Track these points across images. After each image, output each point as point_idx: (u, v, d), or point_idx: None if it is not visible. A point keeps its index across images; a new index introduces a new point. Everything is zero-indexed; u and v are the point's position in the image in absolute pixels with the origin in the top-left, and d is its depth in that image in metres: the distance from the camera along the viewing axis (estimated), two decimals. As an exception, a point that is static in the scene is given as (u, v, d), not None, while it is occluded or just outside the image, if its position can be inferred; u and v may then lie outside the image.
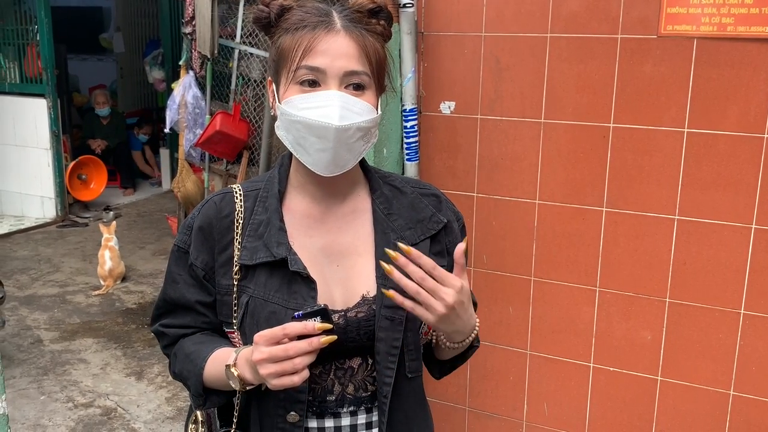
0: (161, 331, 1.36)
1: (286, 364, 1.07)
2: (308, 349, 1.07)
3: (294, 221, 1.28)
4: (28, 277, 5.46)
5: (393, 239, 1.26)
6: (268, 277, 1.23)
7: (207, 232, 1.28)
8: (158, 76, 8.21)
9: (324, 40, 1.18)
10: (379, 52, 1.23)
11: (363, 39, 1.20)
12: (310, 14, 1.21)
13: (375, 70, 1.22)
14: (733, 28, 2.14)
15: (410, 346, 1.26)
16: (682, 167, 2.29)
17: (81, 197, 7.25)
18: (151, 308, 4.89)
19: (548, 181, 2.48)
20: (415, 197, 1.34)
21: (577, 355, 2.57)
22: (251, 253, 1.24)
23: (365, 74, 1.20)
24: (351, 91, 1.19)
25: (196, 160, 5.29)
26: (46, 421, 3.49)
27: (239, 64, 5.05)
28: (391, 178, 1.36)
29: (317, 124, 1.16)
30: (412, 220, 1.30)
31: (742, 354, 2.33)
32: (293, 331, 1.07)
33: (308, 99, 1.18)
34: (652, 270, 2.40)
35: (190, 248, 1.29)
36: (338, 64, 1.18)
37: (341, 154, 1.19)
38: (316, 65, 1.18)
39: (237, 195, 1.30)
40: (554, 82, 2.40)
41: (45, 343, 4.34)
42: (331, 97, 1.17)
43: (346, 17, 1.21)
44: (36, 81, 6.73)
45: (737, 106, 2.19)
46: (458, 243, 1.23)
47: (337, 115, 1.16)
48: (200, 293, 1.30)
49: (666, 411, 2.47)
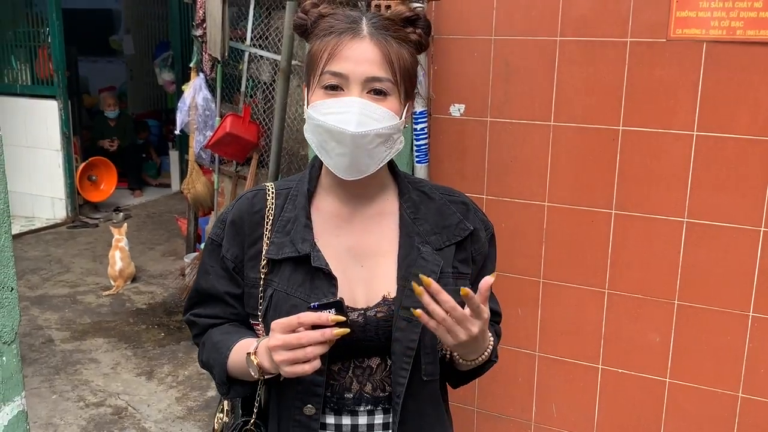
0: (192, 320, 1.41)
1: (298, 352, 1.10)
2: (320, 339, 1.10)
3: (322, 220, 1.31)
4: (39, 278, 5.50)
5: (417, 243, 1.28)
6: (292, 272, 1.27)
7: (239, 226, 1.32)
8: (168, 78, 8.24)
9: (348, 45, 1.20)
10: (404, 59, 1.24)
11: (387, 45, 1.21)
12: (340, 21, 1.23)
13: (400, 77, 1.22)
14: (742, 32, 2.16)
15: (427, 349, 1.28)
16: (691, 170, 2.30)
17: (91, 198, 7.29)
18: (160, 309, 4.94)
19: (557, 183, 2.49)
20: (443, 203, 1.35)
21: (585, 356, 2.58)
22: (278, 248, 1.28)
23: (388, 80, 1.21)
24: (372, 96, 1.21)
25: (206, 161, 5.32)
26: (57, 420, 3.52)
27: (249, 66, 5.08)
28: (420, 184, 1.38)
29: (336, 130, 1.19)
30: (438, 225, 1.32)
31: (751, 356, 2.34)
32: (307, 321, 1.11)
33: (330, 104, 1.21)
34: (661, 272, 2.41)
35: (222, 241, 1.33)
36: (360, 69, 1.20)
37: (360, 159, 1.22)
38: (339, 70, 1.20)
39: (269, 192, 1.34)
40: (563, 85, 2.42)
41: (56, 343, 4.37)
42: (350, 103, 1.19)
43: (374, 24, 1.23)
44: (47, 83, 6.78)
45: (746, 110, 2.20)
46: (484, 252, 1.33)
47: (355, 121, 1.18)
48: (230, 285, 1.34)
49: (674, 413, 2.48)
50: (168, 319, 4.77)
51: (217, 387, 1.35)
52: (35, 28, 6.77)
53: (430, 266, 1.26)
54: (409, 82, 1.26)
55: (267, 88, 5.10)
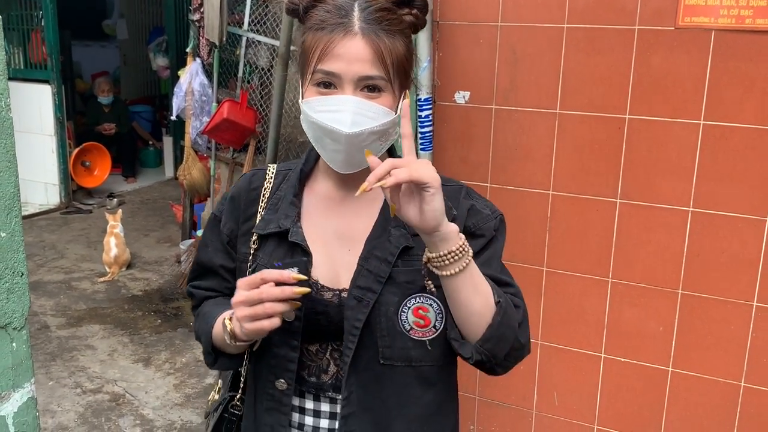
0: (191, 291, 1.45)
1: (258, 308, 1.12)
2: (280, 295, 1.11)
3: (315, 201, 1.34)
4: (33, 264, 5.46)
5: (392, 226, 1.27)
6: (275, 247, 1.30)
7: (236, 202, 1.37)
8: (162, 63, 8.18)
9: (340, 44, 1.19)
10: (397, 52, 1.21)
11: (378, 41, 1.19)
12: (331, 14, 1.21)
13: (393, 72, 1.21)
14: (751, 21, 2.14)
15: (383, 331, 1.25)
16: (697, 159, 2.30)
17: (85, 184, 7.24)
18: (156, 295, 4.92)
19: (562, 171, 2.48)
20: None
21: (588, 345, 2.58)
22: (265, 224, 1.32)
23: (380, 78, 1.20)
24: (366, 93, 1.20)
25: (203, 148, 5.28)
26: (54, 406, 3.50)
27: (246, 51, 5.04)
28: None
29: (329, 128, 1.19)
30: None
31: (754, 346, 2.34)
32: (269, 277, 1.12)
33: (324, 102, 1.20)
34: (665, 261, 2.41)
35: (222, 216, 1.38)
36: (353, 68, 1.18)
37: (355, 155, 1.22)
38: (331, 70, 1.19)
39: (269, 172, 1.38)
40: (570, 72, 2.40)
41: (52, 330, 4.35)
42: (344, 102, 1.19)
43: (366, 17, 1.20)
44: (40, 67, 6.71)
45: (754, 99, 2.20)
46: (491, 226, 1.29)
47: (349, 121, 1.18)
48: (225, 258, 1.38)
49: (676, 402, 2.49)
50: (164, 306, 4.75)
51: (203, 357, 1.37)
52: (28, 11, 6.70)
53: (390, 248, 1.25)
54: (403, 74, 1.24)
55: (264, 73, 5.07)
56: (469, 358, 1.22)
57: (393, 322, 1.25)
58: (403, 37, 1.24)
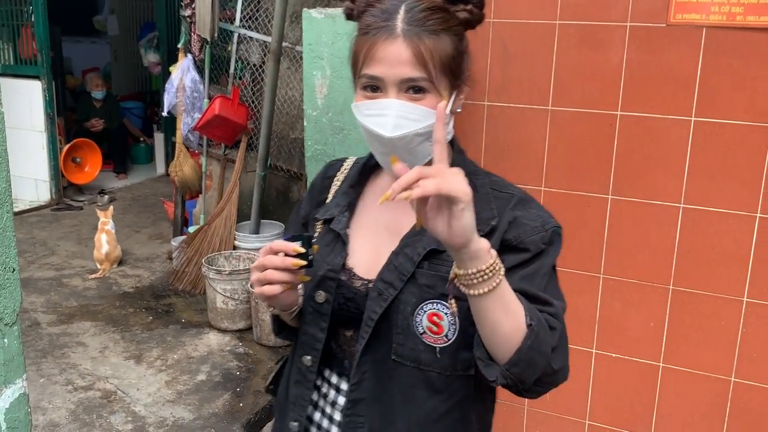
0: None
1: (261, 274, 1.20)
2: (279, 264, 1.19)
3: (375, 194, 1.39)
4: (24, 260, 5.43)
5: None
6: (326, 232, 1.38)
7: (313, 187, 1.48)
8: (153, 59, 8.15)
9: (382, 47, 1.20)
10: (441, 52, 1.20)
11: (420, 43, 1.19)
12: (377, 18, 1.22)
13: (437, 73, 1.20)
14: (742, 18, 2.15)
15: (399, 328, 1.25)
16: (688, 156, 2.31)
17: (75, 180, 7.21)
18: (148, 292, 4.90)
19: (554, 168, 2.49)
20: (484, 196, 1.29)
21: (579, 341, 2.59)
22: (324, 211, 1.41)
23: (423, 79, 1.20)
24: (410, 95, 1.21)
25: (194, 144, 5.27)
26: (46, 403, 3.49)
27: (238, 47, 5.03)
28: (475, 174, 1.32)
29: (374, 133, 1.23)
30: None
31: (744, 341, 2.36)
32: (276, 247, 1.20)
33: (370, 106, 1.23)
34: (657, 257, 2.42)
35: (303, 200, 1.49)
36: (395, 72, 1.20)
37: (403, 157, 1.18)
38: (374, 74, 1.21)
39: (346, 162, 1.46)
40: (562, 69, 2.41)
41: (42, 326, 4.33)
42: (387, 106, 1.21)
43: (409, 19, 1.20)
44: (31, 62, 6.67)
45: (745, 96, 2.21)
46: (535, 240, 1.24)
47: (391, 125, 1.20)
48: None
49: (667, 397, 2.50)
50: (156, 303, 4.74)
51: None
52: (18, 6, 6.65)
53: (419, 248, 1.25)
54: (451, 73, 1.22)
55: (256, 70, 5.06)
56: (493, 381, 1.17)
57: (408, 321, 1.26)
58: (451, 35, 1.23)
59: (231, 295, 4.26)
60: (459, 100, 1.28)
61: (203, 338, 4.21)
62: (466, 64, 1.27)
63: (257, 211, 4.83)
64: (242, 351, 4.08)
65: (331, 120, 2.66)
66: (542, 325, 1.15)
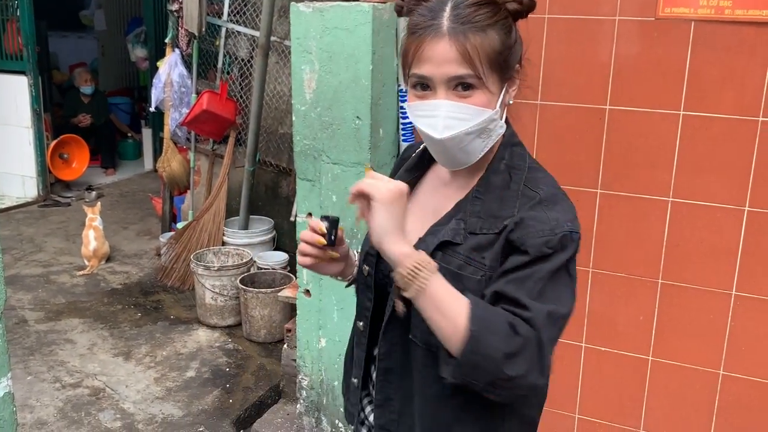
0: None
1: (299, 246, 1.37)
2: (308, 239, 1.34)
3: (431, 179, 1.43)
4: (11, 257, 5.39)
5: (458, 217, 1.30)
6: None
7: (394, 166, 1.56)
8: (141, 54, 8.08)
9: (429, 47, 1.22)
10: (488, 48, 1.21)
11: (465, 41, 1.20)
12: (424, 17, 1.24)
13: (485, 69, 1.21)
14: (730, 12, 2.15)
15: (415, 311, 1.25)
16: (677, 150, 2.31)
17: (63, 176, 7.15)
18: (136, 289, 4.87)
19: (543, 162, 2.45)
20: (513, 194, 1.29)
21: (568, 335, 2.59)
22: None
23: (470, 76, 1.21)
24: (459, 93, 1.23)
25: (182, 139, 5.23)
26: (33, 401, 3.46)
27: (226, 42, 5.00)
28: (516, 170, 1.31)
29: (426, 134, 1.26)
30: (488, 211, 1.29)
31: (733, 334, 2.37)
32: (311, 225, 1.34)
33: (420, 107, 1.26)
34: (645, 251, 2.42)
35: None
36: (442, 70, 1.21)
37: (455, 156, 1.28)
38: (422, 73, 1.23)
39: (420, 148, 1.48)
40: (551, 63, 2.40)
41: (30, 324, 4.29)
42: (437, 107, 1.23)
43: (455, 16, 1.21)
44: (16, 58, 6.60)
45: (733, 90, 2.21)
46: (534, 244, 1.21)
47: (441, 126, 1.23)
48: None
49: (656, 390, 2.51)
50: (144, 299, 4.71)
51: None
52: (3, 0, 6.58)
53: (434, 239, 1.29)
54: (499, 68, 1.23)
55: (244, 64, 5.03)
56: (445, 378, 1.21)
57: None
58: (499, 28, 1.23)
59: (220, 291, 4.24)
60: (511, 92, 1.30)
61: (192, 335, 4.19)
62: (515, 57, 1.28)
63: (246, 207, 4.80)
64: (231, 347, 4.06)
65: (320, 115, 2.64)
66: (492, 330, 1.15)
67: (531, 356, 1.16)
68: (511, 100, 1.31)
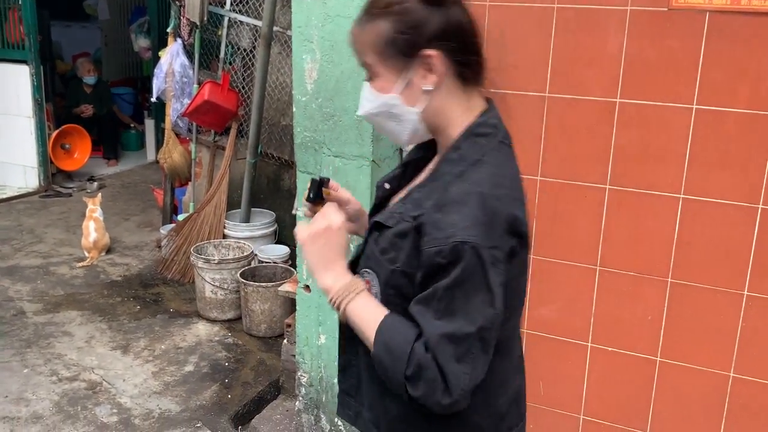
0: None
1: None
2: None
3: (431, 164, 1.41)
4: (11, 248, 5.34)
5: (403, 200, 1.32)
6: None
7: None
8: (144, 44, 8.03)
9: None
10: (372, 38, 1.25)
11: (359, 29, 1.28)
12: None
13: (376, 56, 1.26)
14: (747, 1, 2.08)
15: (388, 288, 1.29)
16: (689, 145, 2.24)
17: (64, 167, 7.10)
18: (136, 281, 4.82)
19: (551, 157, 2.42)
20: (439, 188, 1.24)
21: (574, 334, 2.53)
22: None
23: (365, 63, 1.29)
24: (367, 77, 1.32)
25: (183, 130, 5.18)
26: (29, 394, 3.41)
27: (228, 32, 4.93)
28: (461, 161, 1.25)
29: None
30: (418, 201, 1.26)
31: (744, 336, 2.30)
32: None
33: None
34: (655, 249, 2.35)
35: None
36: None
37: (385, 132, 1.37)
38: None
39: None
40: (560, 54, 2.33)
41: (28, 315, 4.25)
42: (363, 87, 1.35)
43: (364, 7, 1.29)
44: (18, 47, 6.55)
45: (748, 83, 2.14)
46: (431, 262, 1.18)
47: (359, 105, 1.35)
48: None
49: (664, 392, 2.44)
50: (144, 292, 4.66)
51: None
52: (5, -11, 6.53)
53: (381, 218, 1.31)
54: (391, 55, 1.25)
55: (247, 54, 4.96)
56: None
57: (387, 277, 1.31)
58: (393, 15, 1.23)
59: (220, 284, 4.18)
60: (427, 77, 1.25)
61: (191, 328, 4.13)
62: (416, 42, 1.23)
63: (247, 199, 4.75)
64: (231, 341, 4.01)
65: (321, 106, 2.58)
66: (393, 355, 1.20)
67: (431, 378, 1.16)
68: (430, 86, 1.25)
